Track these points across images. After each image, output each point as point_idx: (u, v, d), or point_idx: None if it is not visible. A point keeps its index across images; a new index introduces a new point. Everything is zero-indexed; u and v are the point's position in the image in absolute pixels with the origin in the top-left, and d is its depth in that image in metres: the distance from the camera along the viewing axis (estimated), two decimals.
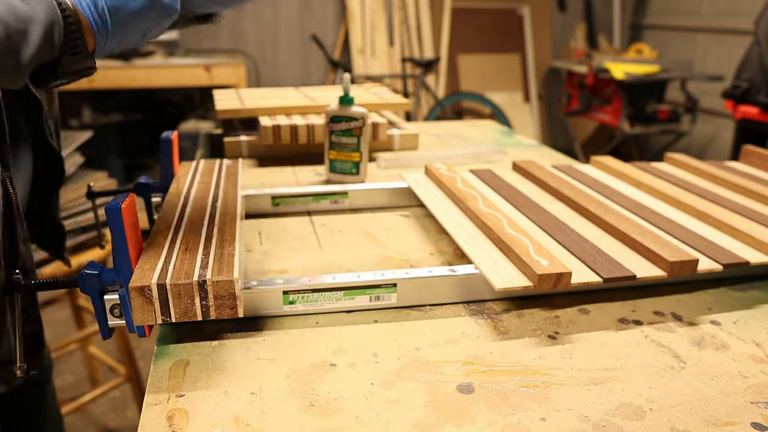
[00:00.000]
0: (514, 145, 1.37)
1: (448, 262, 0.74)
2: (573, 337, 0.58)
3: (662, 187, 0.89)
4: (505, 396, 0.49)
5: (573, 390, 0.50)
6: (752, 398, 0.49)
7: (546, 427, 0.46)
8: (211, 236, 0.62)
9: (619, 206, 0.83)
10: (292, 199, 0.90)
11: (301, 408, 0.47)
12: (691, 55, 3.80)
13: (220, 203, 0.72)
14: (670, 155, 1.07)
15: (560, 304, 0.65)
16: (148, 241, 0.61)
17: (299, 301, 0.60)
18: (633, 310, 0.64)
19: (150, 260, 0.56)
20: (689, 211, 0.81)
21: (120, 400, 1.88)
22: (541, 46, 4.13)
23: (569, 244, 0.69)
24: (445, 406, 0.48)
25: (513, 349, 0.56)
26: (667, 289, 0.68)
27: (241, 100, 1.31)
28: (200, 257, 0.57)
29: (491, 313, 0.63)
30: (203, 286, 0.53)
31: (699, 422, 0.46)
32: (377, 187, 0.93)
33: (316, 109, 1.27)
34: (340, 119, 0.97)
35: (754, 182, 0.93)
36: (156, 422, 0.45)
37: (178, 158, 0.88)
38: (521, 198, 0.84)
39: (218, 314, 0.54)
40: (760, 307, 0.65)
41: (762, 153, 1.06)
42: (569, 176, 0.96)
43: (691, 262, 0.63)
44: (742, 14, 3.31)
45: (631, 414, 0.47)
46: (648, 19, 4.26)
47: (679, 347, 0.57)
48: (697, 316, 0.63)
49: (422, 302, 0.64)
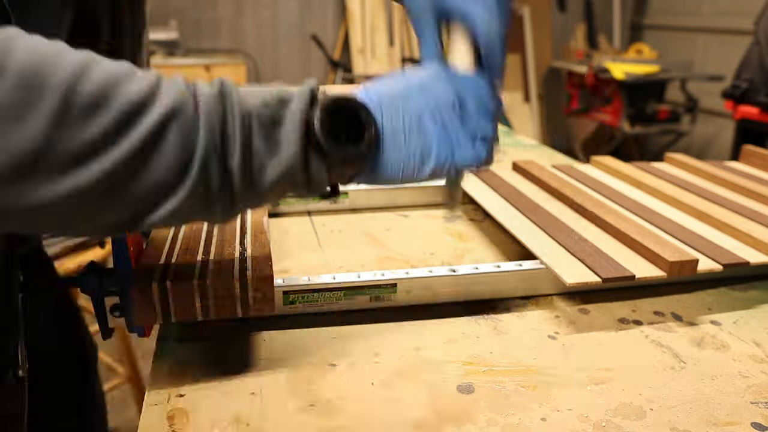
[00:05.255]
0: (514, 145, 1.37)
1: (448, 262, 0.74)
2: (573, 337, 0.58)
3: (662, 187, 0.89)
4: (506, 396, 0.49)
5: (573, 390, 0.50)
6: (752, 398, 0.50)
7: (546, 427, 0.46)
8: (211, 237, 0.62)
9: (619, 206, 0.83)
10: (292, 199, 0.90)
11: (301, 408, 0.47)
12: (691, 55, 3.80)
13: None
14: (670, 155, 1.07)
15: (560, 304, 0.65)
16: (148, 241, 0.61)
17: (299, 301, 0.60)
18: (633, 310, 0.64)
19: (150, 260, 0.56)
20: (689, 211, 0.81)
21: (120, 400, 1.88)
22: (541, 46, 4.13)
23: (569, 244, 0.69)
24: (446, 406, 0.48)
25: (513, 349, 0.56)
26: (667, 289, 0.68)
27: None
28: (200, 257, 0.57)
29: (492, 313, 0.63)
30: (204, 287, 0.53)
31: (699, 422, 0.46)
32: (377, 187, 0.93)
33: None
34: None
35: (754, 182, 0.93)
36: (156, 422, 0.45)
37: None
38: (521, 198, 0.84)
39: (218, 314, 0.54)
40: (760, 307, 0.65)
41: (762, 153, 1.06)
42: (569, 176, 0.96)
43: (691, 262, 0.63)
44: (742, 14, 3.31)
45: (632, 414, 0.47)
46: (648, 19, 4.26)
47: (679, 347, 0.57)
48: (697, 316, 0.63)
49: (422, 302, 0.64)
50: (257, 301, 0.55)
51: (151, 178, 0.34)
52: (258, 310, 0.55)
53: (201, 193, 0.36)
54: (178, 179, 0.35)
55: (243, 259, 0.57)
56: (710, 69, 3.56)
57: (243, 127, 0.37)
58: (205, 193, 0.36)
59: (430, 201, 0.95)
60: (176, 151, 0.35)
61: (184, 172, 0.35)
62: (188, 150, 0.35)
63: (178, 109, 0.35)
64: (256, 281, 0.54)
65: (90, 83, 0.32)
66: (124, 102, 0.33)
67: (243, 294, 0.54)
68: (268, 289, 0.55)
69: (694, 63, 3.66)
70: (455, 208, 0.75)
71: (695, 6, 3.81)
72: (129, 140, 0.33)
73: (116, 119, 0.33)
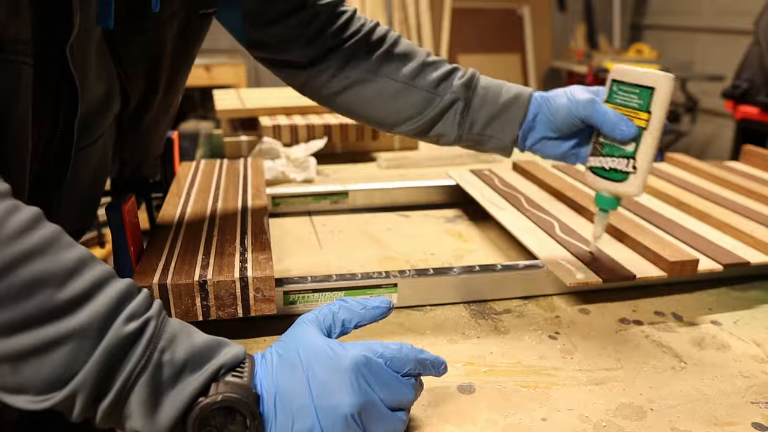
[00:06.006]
0: None
1: (448, 262, 0.74)
2: (573, 337, 0.58)
3: (662, 187, 0.89)
4: (506, 396, 0.49)
5: (574, 390, 0.50)
6: (753, 398, 0.49)
7: (547, 427, 0.45)
8: (211, 237, 0.62)
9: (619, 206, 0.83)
10: (292, 199, 0.90)
11: None
12: (691, 55, 3.80)
13: (221, 204, 0.72)
14: (670, 155, 1.07)
15: (560, 304, 0.65)
16: (148, 241, 0.61)
17: (299, 301, 0.60)
18: (633, 310, 0.64)
19: (151, 260, 0.56)
20: (689, 211, 0.81)
21: None
22: (541, 46, 4.13)
23: (569, 244, 0.69)
24: (446, 406, 0.48)
25: (513, 349, 0.56)
26: (668, 289, 0.68)
27: (241, 100, 1.31)
28: (201, 257, 0.57)
29: (492, 313, 0.63)
30: (204, 287, 0.53)
31: (699, 422, 0.46)
32: (377, 186, 0.93)
33: (316, 109, 1.27)
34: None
35: (754, 182, 0.93)
36: None
37: (178, 158, 0.88)
38: (521, 198, 0.84)
39: (218, 314, 0.54)
40: (761, 307, 0.65)
41: (762, 153, 1.06)
42: (569, 176, 0.96)
43: (692, 262, 0.63)
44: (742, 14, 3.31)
45: (632, 414, 0.47)
46: (648, 19, 4.26)
47: (679, 347, 0.57)
48: (698, 316, 0.63)
49: (423, 302, 0.63)
50: (257, 301, 0.55)
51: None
52: (258, 310, 0.55)
53: (62, 410, 0.36)
54: (49, 390, 0.35)
55: (243, 259, 0.57)
56: (710, 69, 3.55)
57: (136, 371, 0.36)
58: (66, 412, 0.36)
59: (430, 201, 0.95)
60: (58, 369, 0.34)
61: (56, 388, 0.35)
62: (70, 371, 0.34)
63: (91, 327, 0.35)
64: (256, 281, 0.54)
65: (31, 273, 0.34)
66: (56, 300, 0.34)
67: (243, 294, 0.54)
68: (268, 289, 0.54)
69: (694, 63, 3.65)
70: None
71: (695, 6, 3.81)
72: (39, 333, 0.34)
73: (44, 309, 0.34)
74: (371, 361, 0.40)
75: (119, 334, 0.35)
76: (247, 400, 0.37)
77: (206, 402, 0.36)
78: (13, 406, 0.35)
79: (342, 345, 0.41)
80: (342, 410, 0.38)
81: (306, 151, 1.08)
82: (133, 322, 0.36)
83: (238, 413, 0.37)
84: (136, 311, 0.37)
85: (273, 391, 0.39)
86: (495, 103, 0.64)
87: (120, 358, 0.35)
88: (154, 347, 0.36)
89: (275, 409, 0.38)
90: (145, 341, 0.36)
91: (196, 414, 0.36)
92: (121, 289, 0.37)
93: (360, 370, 0.39)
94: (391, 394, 0.40)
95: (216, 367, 0.38)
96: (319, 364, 0.39)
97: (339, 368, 0.39)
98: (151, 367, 0.36)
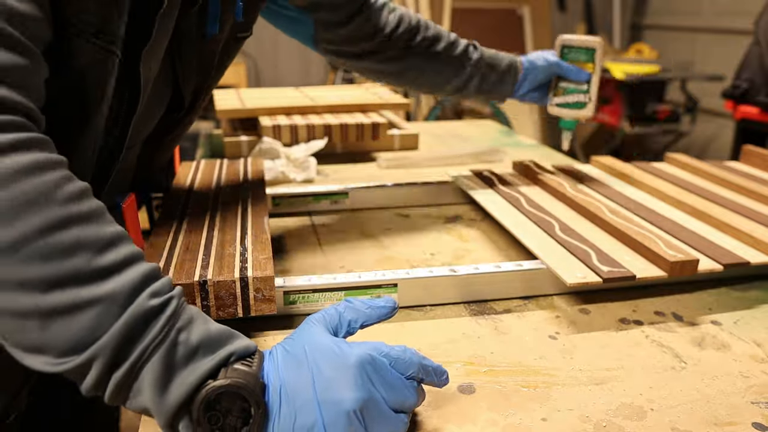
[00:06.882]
0: (514, 145, 1.37)
1: (448, 262, 0.74)
2: (573, 337, 0.58)
3: (662, 187, 0.89)
4: (506, 396, 0.49)
5: (574, 390, 0.50)
6: (753, 398, 0.49)
7: (547, 427, 0.45)
8: (211, 237, 0.62)
9: (619, 206, 0.83)
10: (292, 199, 0.90)
11: None
12: (691, 55, 3.80)
13: (221, 204, 0.72)
14: (670, 155, 1.07)
15: (560, 304, 0.65)
16: (148, 241, 0.61)
17: (299, 301, 0.60)
18: (633, 310, 0.64)
19: (151, 260, 0.56)
20: (689, 211, 0.81)
21: None
22: (541, 46, 4.12)
23: (569, 244, 0.69)
24: (446, 406, 0.48)
25: (514, 349, 0.56)
26: (668, 289, 0.68)
27: (241, 100, 1.31)
28: (201, 257, 0.57)
29: (492, 313, 0.63)
30: (204, 287, 0.53)
31: (700, 422, 0.46)
32: (377, 186, 0.93)
33: (316, 109, 1.27)
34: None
35: (754, 182, 0.93)
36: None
37: (178, 158, 0.88)
38: (521, 198, 0.84)
39: (219, 314, 0.54)
40: (761, 307, 0.65)
41: (762, 153, 1.06)
42: (569, 176, 0.96)
43: (692, 262, 0.63)
44: (742, 14, 3.31)
45: (632, 414, 0.47)
46: (648, 19, 4.26)
47: (679, 347, 0.57)
48: (698, 316, 0.63)
49: (423, 302, 0.63)
50: (257, 301, 0.55)
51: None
52: (258, 310, 0.55)
53: (75, 377, 0.37)
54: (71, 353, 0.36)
55: (243, 260, 0.57)
56: (710, 69, 3.55)
57: (153, 345, 0.37)
58: (78, 380, 0.37)
59: (430, 201, 0.95)
60: (83, 331, 0.36)
61: (76, 351, 0.36)
62: (92, 335, 0.36)
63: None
64: (256, 281, 0.54)
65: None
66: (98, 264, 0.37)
67: (243, 294, 0.54)
68: (268, 289, 0.54)
69: (694, 63, 3.65)
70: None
71: (695, 6, 3.81)
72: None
73: (86, 270, 0.36)
74: (376, 360, 0.41)
75: (143, 306, 0.37)
76: (254, 388, 0.38)
77: (214, 384, 0.37)
78: (29, 367, 0.37)
79: (348, 344, 0.42)
80: (345, 406, 0.38)
81: (306, 151, 1.08)
82: (157, 298, 0.38)
83: (243, 400, 0.38)
84: (161, 290, 0.39)
85: (278, 385, 0.39)
86: (498, 72, 0.89)
87: (141, 330, 0.37)
88: (172, 325, 0.38)
89: (279, 403, 0.39)
90: (165, 318, 0.37)
91: (202, 396, 0.37)
92: (149, 268, 0.39)
93: (365, 367, 0.40)
94: (394, 394, 0.41)
95: (227, 353, 0.39)
96: (324, 360, 0.40)
97: (344, 365, 0.40)
98: (167, 344, 0.37)
